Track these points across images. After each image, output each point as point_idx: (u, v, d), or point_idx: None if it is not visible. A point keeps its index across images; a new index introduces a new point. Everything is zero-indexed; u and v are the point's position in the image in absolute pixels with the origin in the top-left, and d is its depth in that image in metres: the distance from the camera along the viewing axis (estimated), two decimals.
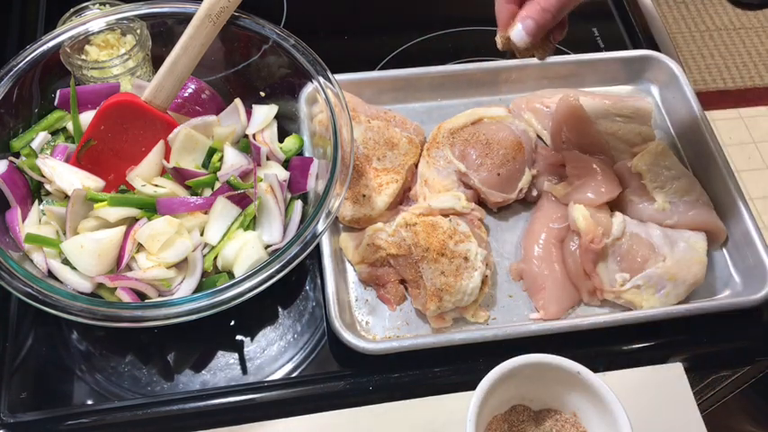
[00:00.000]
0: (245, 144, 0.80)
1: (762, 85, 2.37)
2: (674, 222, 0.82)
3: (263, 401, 0.73)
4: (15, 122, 0.78)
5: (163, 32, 0.84)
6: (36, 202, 0.76)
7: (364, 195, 0.81)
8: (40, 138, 0.78)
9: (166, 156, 0.77)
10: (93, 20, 0.82)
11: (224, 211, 0.73)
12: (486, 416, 0.68)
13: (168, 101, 0.76)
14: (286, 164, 0.81)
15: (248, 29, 0.80)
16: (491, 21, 0.77)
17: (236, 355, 0.76)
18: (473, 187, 0.84)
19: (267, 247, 0.74)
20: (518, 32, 0.69)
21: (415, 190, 0.86)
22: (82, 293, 0.69)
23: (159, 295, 0.71)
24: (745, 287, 0.82)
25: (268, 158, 0.80)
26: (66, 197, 0.73)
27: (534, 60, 0.75)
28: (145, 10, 0.81)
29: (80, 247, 0.69)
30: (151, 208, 0.73)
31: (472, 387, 0.65)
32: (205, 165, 0.78)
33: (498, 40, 0.72)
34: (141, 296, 0.70)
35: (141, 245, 0.71)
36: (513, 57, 0.74)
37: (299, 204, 0.77)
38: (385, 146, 0.85)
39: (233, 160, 0.76)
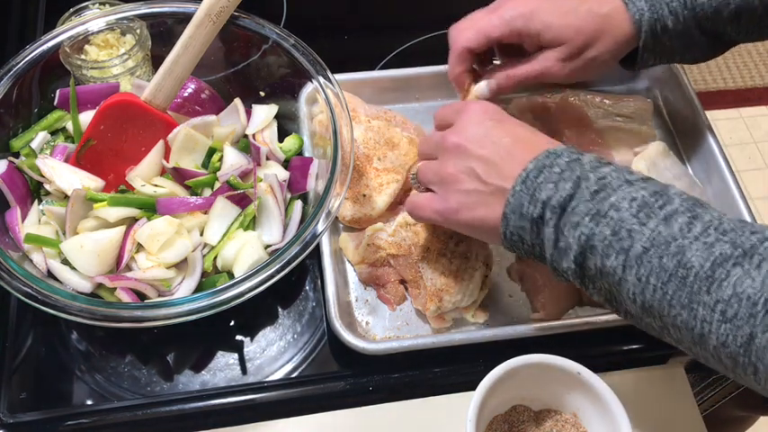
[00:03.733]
0: (245, 144, 0.80)
1: (762, 85, 2.37)
2: None
3: (263, 402, 0.73)
4: (15, 122, 0.78)
5: (163, 32, 0.83)
6: (36, 202, 0.76)
7: (364, 195, 0.81)
8: (39, 138, 0.78)
9: (166, 156, 0.77)
10: (93, 20, 0.81)
11: (224, 211, 0.73)
12: (487, 416, 0.68)
13: (168, 101, 0.76)
14: (286, 164, 0.81)
15: (248, 29, 0.80)
16: None
17: (235, 356, 0.76)
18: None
19: (267, 247, 0.74)
20: (481, 88, 0.80)
21: None
22: (81, 293, 0.69)
23: (159, 295, 0.71)
24: None
25: (268, 158, 0.80)
26: (66, 197, 0.73)
27: None
28: (145, 10, 0.81)
29: (80, 247, 0.69)
30: (151, 208, 0.73)
31: (472, 387, 0.65)
32: (205, 165, 0.78)
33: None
34: (141, 296, 0.70)
35: (141, 245, 0.71)
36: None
37: (299, 204, 0.77)
38: (385, 146, 0.85)
39: (233, 160, 0.76)
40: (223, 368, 0.75)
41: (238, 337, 0.77)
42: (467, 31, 0.78)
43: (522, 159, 0.64)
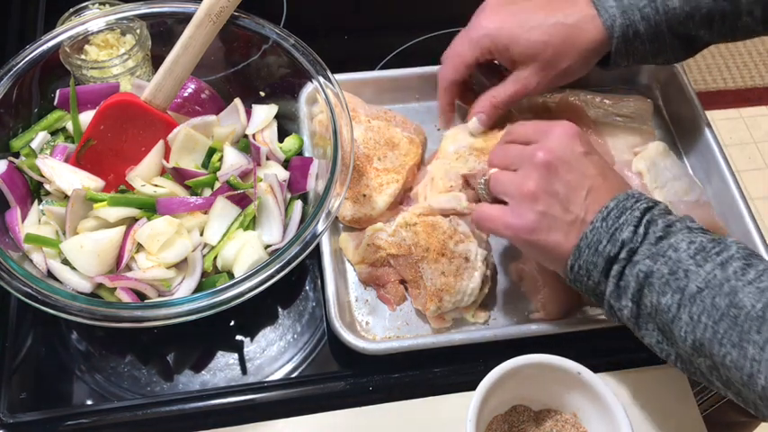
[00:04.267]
0: (245, 144, 0.80)
1: (762, 85, 2.37)
2: None
3: (263, 402, 0.73)
4: (15, 122, 0.78)
5: (163, 32, 0.84)
6: (36, 202, 0.76)
7: (364, 195, 0.81)
8: (39, 138, 0.78)
9: (166, 156, 0.77)
10: (93, 20, 0.81)
11: (224, 211, 0.73)
12: (487, 416, 0.68)
13: (168, 101, 0.76)
14: (286, 164, 0.81)
15: (248, 29, 0.80)
16: None
17: (235, 356, 0.76)
18: (475, 188, 0.84)
19: (267, 247, 0.74)
20: (474, 125, 0.84)
21: (416, 190, 0.85)
22: (81, 293, 0.69)
23: (159, 295, 0.71)
24: None
25: (268, 158, 0.80)
26: (66, 197, 0.73)
27: None
28: (145, 10, 0.81)
29: (80, 247, 0.69)
30: (151, 208, 0.73)
31: (472, 387, 0.65)
32: (205, 165, 0.78)
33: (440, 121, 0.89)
34: (141, 296, 0.70)
35: (141, 245, 0.71)
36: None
37: (299, 204, 0.77)
38: (386, 146, 0.85)
39: (233, 160, 0.76)
40: (223, 368, 0.75)
41: (238, 337, 0.77)
42: (447, 64, 0.83)
43: (603, 195, 0.65)
